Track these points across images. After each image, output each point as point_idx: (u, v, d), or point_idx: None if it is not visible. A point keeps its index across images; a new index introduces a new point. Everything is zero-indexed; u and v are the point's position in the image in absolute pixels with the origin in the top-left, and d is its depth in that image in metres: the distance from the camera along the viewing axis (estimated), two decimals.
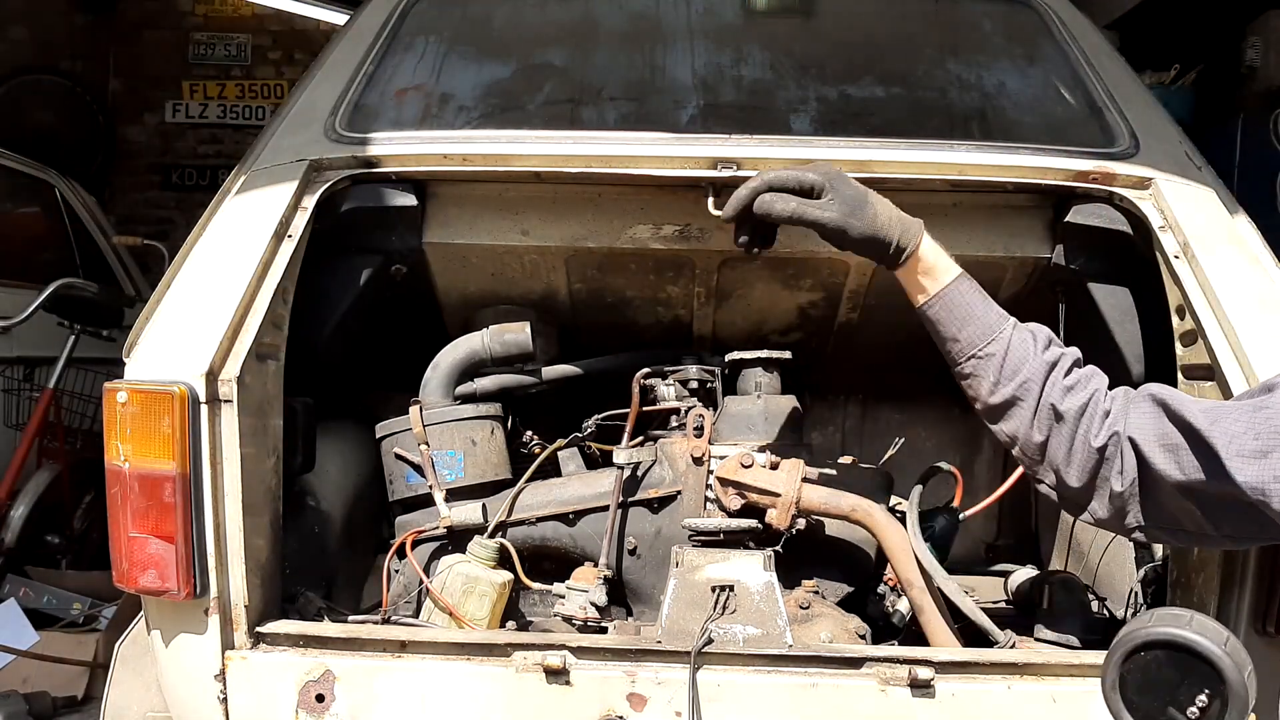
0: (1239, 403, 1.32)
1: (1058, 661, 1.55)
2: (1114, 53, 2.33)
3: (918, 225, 1.54)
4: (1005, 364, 1.46)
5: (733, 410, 1.93)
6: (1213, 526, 1.35)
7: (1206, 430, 1.28)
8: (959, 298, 1.51)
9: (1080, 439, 1.41)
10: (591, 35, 2.39)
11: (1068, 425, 1.42)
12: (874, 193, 1.55)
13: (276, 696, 1.57)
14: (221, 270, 1.68)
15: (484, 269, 2.04)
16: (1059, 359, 1.46)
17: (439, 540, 1.90)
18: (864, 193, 1.53)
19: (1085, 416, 1.41)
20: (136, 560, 1.55)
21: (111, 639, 2.70)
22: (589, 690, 1.54)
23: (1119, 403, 1.41)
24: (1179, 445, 1.32)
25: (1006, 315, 1.51)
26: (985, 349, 1.48)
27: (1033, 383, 1.45)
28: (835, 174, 1.54)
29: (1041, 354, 1.47)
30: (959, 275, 1.53)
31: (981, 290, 1.52)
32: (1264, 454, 1.24)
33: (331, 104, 2.04)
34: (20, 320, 3.65)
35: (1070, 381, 1.44)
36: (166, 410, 1.53)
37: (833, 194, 1.52)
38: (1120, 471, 1.38)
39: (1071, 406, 1.42)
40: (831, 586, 1.84)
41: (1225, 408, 1.31)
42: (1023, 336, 1.48)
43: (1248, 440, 1.25)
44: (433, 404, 1.96)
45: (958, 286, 1.52)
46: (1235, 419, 1.27)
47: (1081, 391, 1.43)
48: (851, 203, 1.52)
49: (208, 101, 7.66)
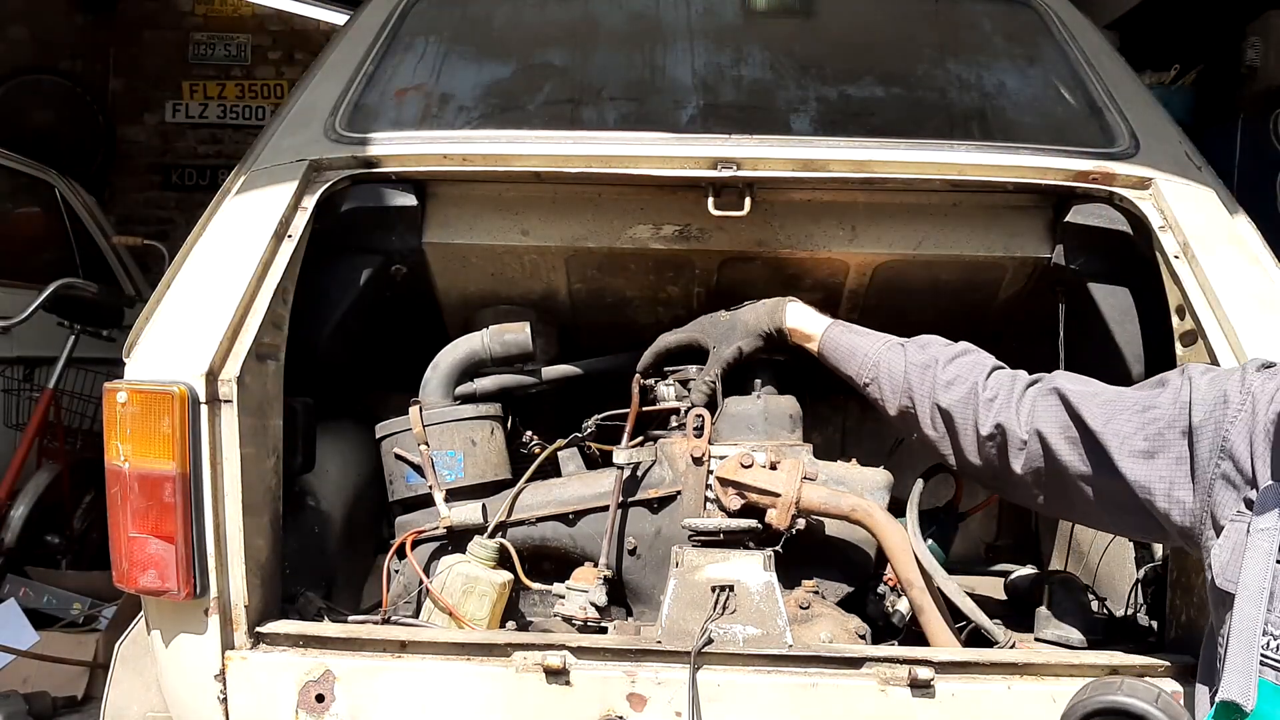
0: (1135, 397, 1.39)
1: (1058, 661, 1.55)
2: (1114, 53, 2.33)
3: (782, 303, 1.84)
4: (888, 382, 1.66)
5: (732, 410, 1.93)
6: (1108, 516, 1.48)
7: (1100, 430, 1.39)
8: (832, 343, 1.77)
9: (969, 427, 1.55)
10: (591, 35, 2.39)
11: (955, 417, 1.57)
12: (741, 307, 1.90)
13: (276, 696, 1.57)
14: (221, 270, 1.68)
15: (484, 269, 2.04)
16: (932, 360, 1.62)
17: (439, 540, 1.90)
18: (729, 317, 1.90)
19: (969, 407, 1.55)
20: (136, 560, 1.55)
21: (111, 639, 2.70)
22: (589, 690, 1.54)
23: (1009, 392, 1.53)
24: (1078, 440, 1.42)
25: (886, 339, 1.71)
26: (870, 375, 1.69)
27: (913, 389, 1.62)
28: (703, 321, 1.92)
29: (916, 361, 1.64)
30: (829, 324, 1.80)
31: (854, 328, 1.77)
32: (1151, 455, 1.34)
33: (331, 104, 2.04)
34: (20, 320, 3.64)
35: (948, 377, 1.59)
36: (166, 410, 1.54)
37: (713, 341, 1.89)
38: (1021, 454, 1.49)
39: (953, 400, 1.57)
40: (831, 586, 1.84)
41: (1120, 404, 1.39)
42: (895, 354, 1.67)
43: (1137, 441, 1.35)
44: (433, 404, 1.96)
45: (829, 334, 1.78)
46: (1127, 419, 1.37)
47: (960, 385, 1.57)
48: (726, 330, 1.89)
49: (208, 101, 7.66)
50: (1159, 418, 1.35)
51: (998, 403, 1.52)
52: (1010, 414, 1.50)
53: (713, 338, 1.91)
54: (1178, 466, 1.33)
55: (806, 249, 1.95)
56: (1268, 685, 1.10)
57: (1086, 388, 1.46)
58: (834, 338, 1.77)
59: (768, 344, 1.86)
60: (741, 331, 1.88)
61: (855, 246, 1.95)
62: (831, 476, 1.83)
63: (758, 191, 1.85)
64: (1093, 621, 1.83)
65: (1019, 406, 1.50)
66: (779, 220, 1.94)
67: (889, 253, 1.96)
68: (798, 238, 1.95)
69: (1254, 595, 1.12)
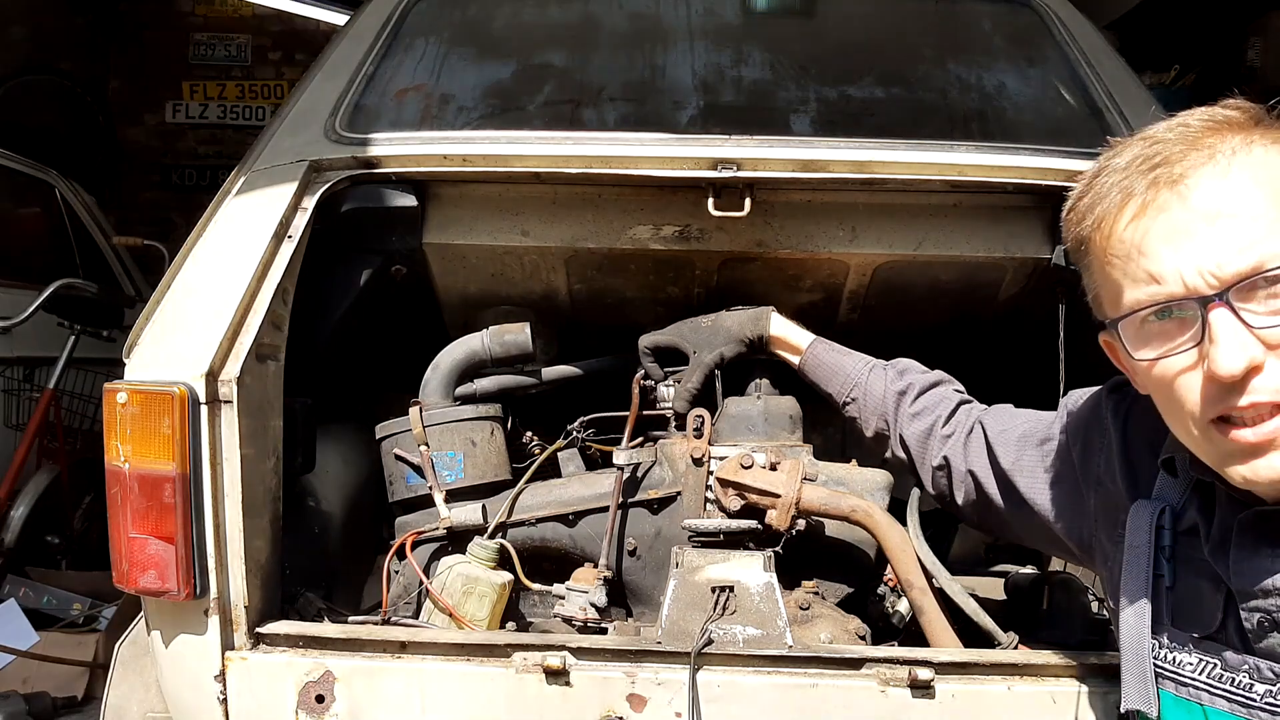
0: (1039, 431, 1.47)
1: (1058, 662, 1.54)
2: (1114, 53, 2.33)
3: (765, 312, 1.88)
4: (867, 404, 1.73)
5: (732, 411, 1.93)
6: (1043, 545, 1.60)
7: (1009, 468, 1.48)
8: (815, 359, 1.82)
9: (926, 460, 1.64)
10: (591, 36, 2.39)
11: (914, 449, 1.66)
12: (720, 313, 1.92)
13: (276, 697, 1.56)
14: (221, 270, 1.68)
15: (484, 269, 2.04)
16: (906, 389, 1.70)
17: (439, 541, 1.90)
18: (711, 323, 1.92)
19: (927, 440, 1.64)
20: (136, 561, 1.55)
21: (111, 639, 2.70)
22: (589, 691, 1.54)
23: (961, 428, 1.60)
24: (997, 478, 1.52)
25: (867, 360, 1.77)
26: (850, 395, 1.75)
27: (889, 415, 1.70)
28: (683, 327, 1.94)
29: (893, 388, 1.70)
30: (813, 341, 1.84)
31: (837, 347, 1.82)
32: (1050, 486, 1.43)
33: (331, 104, 2.04)
34: (20, 320, 3.65)
35: (915, 409, 1.67)
36: (166, 411, 1.53)
37: (693, 346, 1.91)
38: (961, 488, 1.58)
39: (916, 432, 1.66)
40: (831, 587, 1.84)
41: (1027, 440, 1.48)
42: (877, 378, 1.73)
43: (1039, 474, 1.46)
44: (432, 404, 1.96)
45: (813, 350, 1.83)
46: (1030, 454, 1.46)
47: (925, 418, 1.66)
48: (707, 335, 1.90)
49: (208, 102, 7.66)
50: (1052, 450, 1.42)
51: (951, 440, 1.61)
52: (957, 450, 1.59)
53: (693, 343, 1.92)
54: (1072, 495, 1.39)
55: (806, 249, 1.95)
56: (1167, 695, 1.14)
57: (1005, 425, 1.54)
58: (818, 355, 1.82)
59: (749, 350, 1.90)
60: (724, 337, 1.90)
61: (855, 247, 1.95)
62: (831, 477, 1.83)
63: (758, 192, 1.85)
64: (1093, 622, 1.83)
65: (965, 443, 1.58)
66: (779, 221, 1.94)
67: (889, 253, 1.96)
68: (798, 238, 1.95)
69: (1137, 610, 1.16)
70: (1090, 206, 1.07)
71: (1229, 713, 1.08)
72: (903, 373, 1.73)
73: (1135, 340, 1.05)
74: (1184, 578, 1.14)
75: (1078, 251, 1.13)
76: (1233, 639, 1.08)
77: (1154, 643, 1.15)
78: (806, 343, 1.85)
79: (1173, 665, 1.13)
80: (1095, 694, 1.50)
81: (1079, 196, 1.11)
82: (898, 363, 1.76)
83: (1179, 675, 1.13)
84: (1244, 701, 1.07)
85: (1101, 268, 1.07)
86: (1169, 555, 1.15)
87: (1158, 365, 1.03)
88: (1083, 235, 1.09)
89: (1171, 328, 1.01)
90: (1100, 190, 1.06)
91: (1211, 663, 1.10)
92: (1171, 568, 1.15)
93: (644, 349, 1.99)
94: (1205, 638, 1.11)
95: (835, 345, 1.83)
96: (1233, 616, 1.08)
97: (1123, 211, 1.03)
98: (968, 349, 2.05)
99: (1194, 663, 1.11)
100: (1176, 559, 1.15)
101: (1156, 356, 1.03)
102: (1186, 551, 1.15)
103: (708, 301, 2.09)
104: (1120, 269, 1.04)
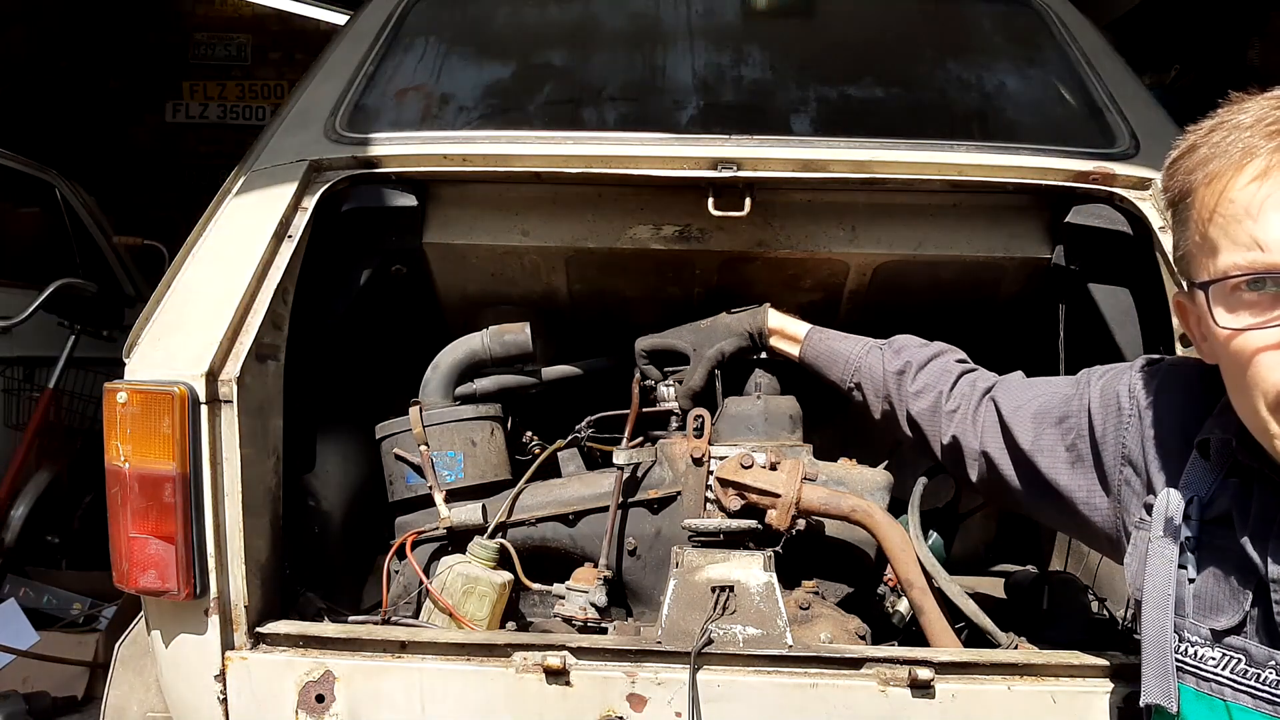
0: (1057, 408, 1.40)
1: (1058, 662, 1.54)
2: (1114, 53, 2.33)
3: (763, 308, 1.89)
4: (870, 387, 1.71)
5: (732, 411, 1.93)
6: (1060, 524, 1.54)
7: (1029, 448, 1.43)
8: (814, 349, 1.81)
9: (935, 436, 1.61)
10: (592, 36, 2.39)
11: (925, 427, 1.62)
12: (716, 317, 1.93)
13: (276, 697, 1.56)
14: (221, 270, 1.68)
15: (484, 269, 2.04)
16: (904, 367, 1.66)
17: (439, 541, 1.90)
18: (709, 323, 1.94)
19: (934, 417, 1.60)
20: (136, 560, 1.55)
21: (111, 639, 2.71)
22: (589, 691, 1.54)
23: (967, 402, 1.56)
24: (1013, 458, 1.47)
25: (865, 342, 1.75)
26: (852, 380, 1.74)
27: (891, 395, 1.67)
28: (681, 329, 1.96)
29: (891, 368, 1.68)
30: (810, 330, 1.84)
31: (833, 333, 1.81)
32: (1071, 465, 1.38)
33: (332, 104, 2.04)
34: (20, 320, 3.65)
35: (916, 388, 1.64)
36: (166, 410, 1.53)
37: (693, 345, 1.92)
38: (975, 466, 1.54)
39: (921, 410, 1.62)
40: (831, 587, 1.84)
41: (1045, 416, 1.41)
42: (875, 359, 1.71)
43: (1060, 452, 1.40)
44: (432, 404, 1.96)
45: (811, 339, 1.82)
46: (1049, 431, 1.42)
47: (927, 395, 1.62)
48: (707, 333, 1.92)
49: (208, 102, 7.67)
50: (1072, 428, 1.37)
51: (957, 415, 1.57)
52: (966, 427, 1.54)
53: (691, 343, 1.93)
54: (1092, 475, 1.35)
55: (807, 249, 1.95)
56: (1188, 690, 1.11)
57: (1019, 400, 1.48)
58: (816, 343, 1.82)
59: (750, 345, 1.91)
60: (723, 333, 1.91)
61: (855, 247, 1.96)
62: (831, 477, 1.83)
63: (758, 192, 1.85)
64: (1093, 622, 1.83)
65: (974, 419, 1.54)
66: (779, 220, 1.94)
67: (889, 253, 1.96)
68: (798, 238, 1.95)
69: (1159, 601, 1.13)
70: (1205, 160, 1.02)
71: (1253, 709, 1.06)
72: (899, 351, 1.69)
73: (1223, 307, 1.00)
74: (1208, 568, 1.11)
75: (1177, 204, 1.07)
76: (1259, 633, 1.06)
77: (1175, 636, 1.12)
78: (804, 333, 1.85)
79: (1194, 660, 1.11)
80: (1096, 694, 1.50)
81: (1191, 147, 1.05)
82: (894, 340, 1.73)
83: (1200, 670, 1.10)
84: (1269, 698, 1.05)
85: (1202, 224, 1.02)
86: (1193, 546, 1.12)
87: (1241, 336, 0.99)
88: (1189, 187, 1.04)
89: (1265, 300, 0.97)
90: (1219, 144, 1.01)
91: (1235, 658, 1.07)
92: (1196, 559, 1.12)
93: (641, 352, 1.99)
94: (1228, 631, 1.08)
95: (832, 332, 1.83)
96: (1260, 607, 1.05)
97: (1241, 170, 0.98)
98: (968, 349, 2.05)
99: (1216, 658, 1.09)
100: (1201, 548, 1.12)
101: (1243, 327, 0.98)
102: (1213, 540, 1.11)
103: (708, 301, 2.09)
104: (1222, 229, 0.99)
